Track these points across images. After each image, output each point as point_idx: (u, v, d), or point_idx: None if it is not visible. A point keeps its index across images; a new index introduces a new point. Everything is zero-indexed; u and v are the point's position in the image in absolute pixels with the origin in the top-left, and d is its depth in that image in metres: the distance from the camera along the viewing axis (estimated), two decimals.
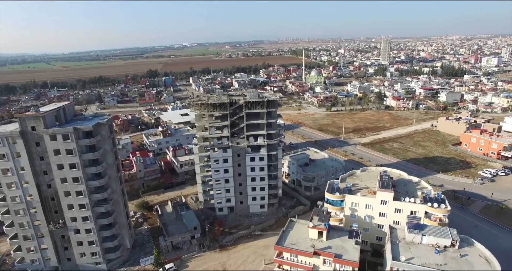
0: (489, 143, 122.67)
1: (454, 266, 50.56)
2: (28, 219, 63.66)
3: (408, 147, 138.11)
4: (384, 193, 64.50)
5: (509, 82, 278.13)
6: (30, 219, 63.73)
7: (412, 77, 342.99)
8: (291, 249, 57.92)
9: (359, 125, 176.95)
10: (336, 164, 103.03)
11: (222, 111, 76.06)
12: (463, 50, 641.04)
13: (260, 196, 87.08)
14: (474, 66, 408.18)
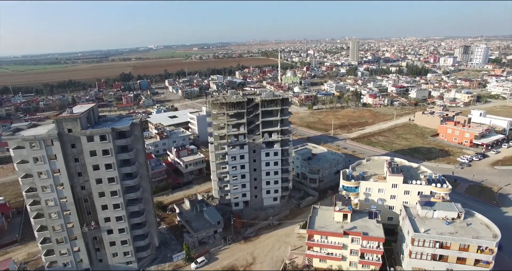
0: (463, 133, 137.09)
1: (464, 233, 59.28)
2: (62, 221, 64.25)
3: (392, 140, 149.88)
4: (395, 177, 72.57)
5: (465, 80, 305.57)
6: (63, 221, 64.35)
7: (382, 76, 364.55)
8: (323, 231, 63.98)
9: (344, 122, 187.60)
10: (337, 157, 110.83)
11: (239, 110, 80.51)
12: (422, 50, 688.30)
13: (273, 189, 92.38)
14: (434, 65, 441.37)
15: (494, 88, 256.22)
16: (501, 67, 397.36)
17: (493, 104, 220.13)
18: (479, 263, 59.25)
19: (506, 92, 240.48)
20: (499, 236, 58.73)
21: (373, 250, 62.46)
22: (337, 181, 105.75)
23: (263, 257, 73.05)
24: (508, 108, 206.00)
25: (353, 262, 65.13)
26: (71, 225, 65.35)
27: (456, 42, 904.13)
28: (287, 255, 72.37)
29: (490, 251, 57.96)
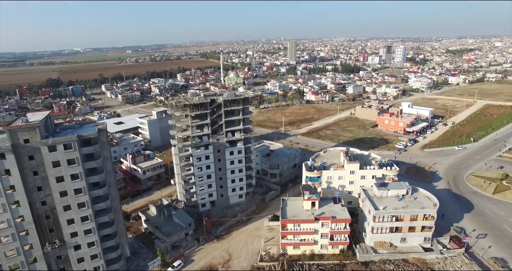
0: (397, 122, 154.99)
1: (413, 206, 68.93)
2: (17, 244, 58.34)
3: (339, 133, 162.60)
4: (352, 164, 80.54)
5: (391, 76, 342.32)
6: (20, 244, 58.61)
7: (320, 74, 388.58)
8: (295, 219, 68.55)
9: (292, 119, 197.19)
10: (293, 152, 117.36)
11: (202, 111, 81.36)
12: (352, 50, 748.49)
13: (239, 186, 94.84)
14: (364, 64, 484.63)
15: (414, 83, 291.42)
16: (416, 65, 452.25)
17: (415, 97, 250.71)
18: (424, 229, 69.44)
19: (424, 86, 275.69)
20: (438, 204, 69.57)
21: (341, 231, 68.95)
22: (296, 174, 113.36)
23: (239, 252, 75.18)
24: (427, 100, 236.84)
25: (324, 245, 70.91)
26: (29, 246, 59.90)
27: (379, 42, 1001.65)
28: (261, 247, 75.51)
29: (432, 218, 68.39)
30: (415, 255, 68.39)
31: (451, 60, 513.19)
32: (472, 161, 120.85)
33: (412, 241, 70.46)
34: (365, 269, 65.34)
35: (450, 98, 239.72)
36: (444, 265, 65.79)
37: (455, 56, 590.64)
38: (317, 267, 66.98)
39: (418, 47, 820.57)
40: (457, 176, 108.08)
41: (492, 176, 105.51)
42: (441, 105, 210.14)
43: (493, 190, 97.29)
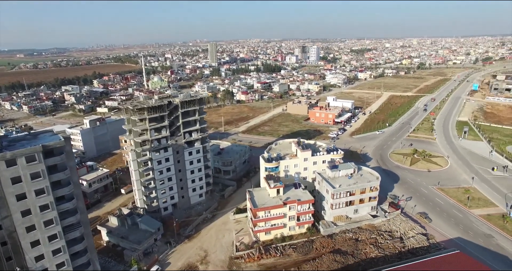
0: (327, 114, 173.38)
1: (361, 181, 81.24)
2: None
3: (276, 128, 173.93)
4: (305, 152, 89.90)
5: (310, 74, 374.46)
6: None
7: (244, 74, 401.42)
8: (266, 207, 74.37)
9: (228, 118, 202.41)
10: (242, 148, 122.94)
11: (160, 113, 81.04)
12: (269, 50, 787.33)
13: (199, 186, 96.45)
14: (283, 63, 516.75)
15: (331, 79, 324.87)
16: (329, 63, 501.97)
17: (334, 92, 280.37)
18: (371, 200, 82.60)
19: (340, 82, 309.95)
20: (380, 178, 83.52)
21: (306, 212, 77.35)
22: (247, 169, 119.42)
23: (213, 247, 77.66)
24: (345, 94, 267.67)
25: (292, 227, 78.34)
26: None
27: (292, 43, 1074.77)
28: (234, 238, 79.35)
29: (376, 189, 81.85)
30: (366, 222, 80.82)
31: (357, 58, 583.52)
32: (390, 142, 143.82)
33: (362, 211, 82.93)
34: (330, 240, 74.80)
35: (362, 91, 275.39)
36: (388, 226, 79.46)
37: (358, 55, 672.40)
38: (290, 247, 74.02)
39: (327, 47, 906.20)
40: (382, 155, 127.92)
41: (406, 152, 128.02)
42: (357, 98, 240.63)
43: (409, 163, 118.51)
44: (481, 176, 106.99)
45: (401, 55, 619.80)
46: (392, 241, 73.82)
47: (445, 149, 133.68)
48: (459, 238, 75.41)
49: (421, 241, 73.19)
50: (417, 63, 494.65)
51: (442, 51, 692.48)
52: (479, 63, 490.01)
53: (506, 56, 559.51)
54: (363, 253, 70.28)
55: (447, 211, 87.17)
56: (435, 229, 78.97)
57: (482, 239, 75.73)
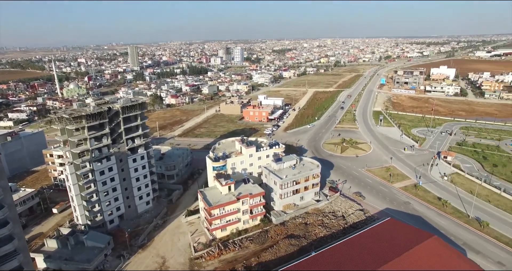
0: (261, 113, 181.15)
1: (304, 170, 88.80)
2: None
3: (212, 129, 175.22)
4: (250, 149, 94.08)
5: (237, 74, 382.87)
6: None
7: (171, 78, 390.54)
8: (221, 204, 76.36)
9: (162, 123, 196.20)
10: (184, 151, 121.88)
11: (100, 120, 76.41)
12: (193, 52, 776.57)
13: (145, 193, 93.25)
14: (208, 65, 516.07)
15: (258, 79, 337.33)
16: (254, 64, 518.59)
17: (263, 90, 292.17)
18: (314, 186, 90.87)
19: (267, 81, 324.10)
20: (320, 165, 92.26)
21: (258, 204, 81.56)
22: (190, 171, 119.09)
23: (171, 252, 76.64)
24: (273, 92, 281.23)
25: (246, 220, 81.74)
26: None
27: (215, 44, 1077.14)
28: (190, 240, 79.47)
29: (318, 176, 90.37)
30: (312, 207, 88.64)
31: (279, 58, 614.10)
32: (321, 133, 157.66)
33: (307, 197, 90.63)
34: (283, 227, 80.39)
35: (289, 89, 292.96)
36: (331, 207, 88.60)
37: (279, 54, 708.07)
38: (247, 239, 77.40)
39: (249, 48, 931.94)
40: (316, 146, 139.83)
41: (336, 141, 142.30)
42: (285, 95, 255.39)
43: (340, 151, 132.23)
44: (397, 156, 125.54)
45: (318, 54, 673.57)
46: (336, 220, 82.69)
47: (367, 136, 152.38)
48: (387, 208, 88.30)
49: (360, 216, 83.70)
50: (334, 61, 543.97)
51: (353, 50, 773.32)
52: (383, 61, 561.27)
53: (400, 55, 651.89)
54: (313, 234, 77.39)
55: (376, 188, 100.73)
56: (369, 204, 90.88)
57: (403, 206, 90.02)
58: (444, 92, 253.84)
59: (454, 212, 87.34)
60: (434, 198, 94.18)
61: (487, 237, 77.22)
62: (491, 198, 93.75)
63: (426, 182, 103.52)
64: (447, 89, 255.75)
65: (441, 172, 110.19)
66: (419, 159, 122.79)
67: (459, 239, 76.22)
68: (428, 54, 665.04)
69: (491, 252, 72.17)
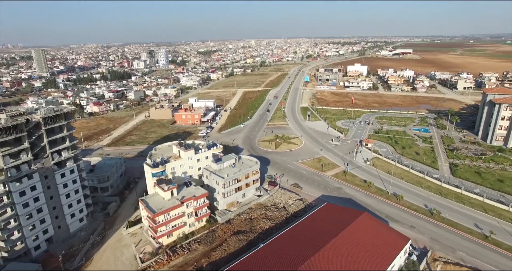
0: (193, 115, 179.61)
1: (243, 168, 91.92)
2: None
3: (144, 136, 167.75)
4: (189, 151, 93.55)
5: (163, 78, 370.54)
6: None
7: (90, 84, 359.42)
8: (165, 209, 74.83)
9: (86, 133, 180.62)
10: (117, 161, 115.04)
11: (17, 134, 67.99)
12: (112, 56, 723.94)
13: (78, 210, 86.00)
14: (132, 69, 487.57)
15: (187, 82, 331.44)
16: (179, 66, 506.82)
17: (192, 93, 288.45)
18: (254, 182, 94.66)
19: (196, 83, 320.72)
20: (258, 162, 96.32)
21: (202, 205, 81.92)
22: (126, 181, 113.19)
23: (115, 268, 72.42)
24: (203, 94, 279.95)
25: (191, 223, 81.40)
26: None
27: (136, 47, 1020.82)
28: (135, 252, 76.11)
29: (257, 172, 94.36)
30: (254, 202, 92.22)
31: (205, 60, 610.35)
32: (254, 132, 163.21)
33: (249, 193, 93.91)
34: (229, 225, 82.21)
35: (218, 90, 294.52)
36: (272, 200, 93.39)
37: (205, 56, 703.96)
38: (195, 242, 77.29)
39: (173, 50, 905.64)
40: (251, 144, 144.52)
41: (270, 138, 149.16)
42: (216, 97, 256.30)
43: (275, 147, 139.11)
44: (326, 147, 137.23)
45: (244, 55, 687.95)
46: (278, 212, 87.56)
47: (297, 131, 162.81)
48: (323, 195, 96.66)
49: (299, 205, 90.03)
50: (259, 61, 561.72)
51: (276, 50, 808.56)
52: (305, 60, 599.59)
53: (320, 54, 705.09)
54: (259, 227, 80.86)
55: (311, 178, 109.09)
56: (306, 193, 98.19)
57: (335, 191, 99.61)
58: (360, 87, 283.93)
59: (377, 191, 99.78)
60: (360, 181, 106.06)
61: (402, 207, 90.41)
62: (403, 175, 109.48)
63: (353, 168, 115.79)
64: (362, 84, 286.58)
65: (364, 158, 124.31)
66: (345, 148, 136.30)
67: (382, 212, 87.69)
68: (343, 53, 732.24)
69: (405, 219, 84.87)
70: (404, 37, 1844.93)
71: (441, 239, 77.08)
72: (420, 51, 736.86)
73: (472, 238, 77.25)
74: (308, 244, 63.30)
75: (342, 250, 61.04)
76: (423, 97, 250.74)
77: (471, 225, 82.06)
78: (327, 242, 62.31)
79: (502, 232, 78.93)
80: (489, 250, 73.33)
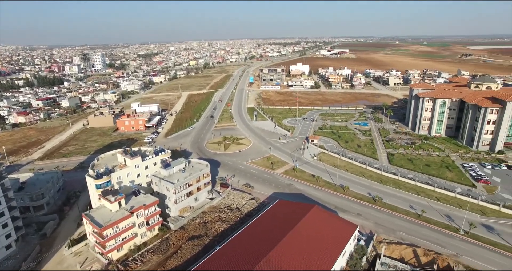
0: (137, 121, 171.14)
1: (194, 172, 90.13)
2: None
3: (83, 146, 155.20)
4: (135, 159, 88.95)
5: (102, 83, 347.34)
6: None
7: (11, 91, 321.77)
8: (114, 222, 70.09)
9: (11, 147, 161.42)
10: (53, 175, 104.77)
11: None
12: (38, 60, 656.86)
13: (4, 235, 76.44)
14: (63, 74, 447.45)
15: (128, 86, 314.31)
16: (119, 70, 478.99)
17: (134, 98, 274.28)
18: (206, 185, 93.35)
19: (137, 87, 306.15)
20: (209, 165, 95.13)
21: (153, 213, 78.42)
22: (66, 196, 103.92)
23: None
24: (146, 99, 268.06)
25: (143, 233, 77.43)
26: None
27: (67, 50, 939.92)
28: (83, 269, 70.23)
29: (208, 175, 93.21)
30: (207, 205, 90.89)
31: (146, 63, 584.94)
32: (202, 135, 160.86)
33: (201, 197, 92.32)
34: (183, 231, 79.84)
35: (162, 94, 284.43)
36: (225, 202, 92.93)
37: (146, 59, 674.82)
38: (148, 252, 73.68)
39: (111, 53, 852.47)
40: (200, 147, 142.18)
41: (219, 140, 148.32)
42: (160, 101, 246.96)
43: (224, 149, 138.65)
44: (274, 145, 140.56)
45: (187, 57, 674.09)
46: (232, 213, 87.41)
47: (245, 131, 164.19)
48: (274, 193, 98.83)
49: (252, 204, 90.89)
50: (203, 63, 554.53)
51: (219, 52, 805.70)
52: (249, 61, 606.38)
53: (263, 55, 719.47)
54: (214, 230, 79.87)
55: (261, 177, 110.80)
56: (258, 192, 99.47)
57: (286, 188, 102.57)
58: (303, 86, 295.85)
59: (325, 184, 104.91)
60: (309, 176, 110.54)
61: (349, 197, 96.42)
62: (347, 167, 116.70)
63: (302, 164, 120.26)
64: (305, 83, 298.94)
65: (311, 153, 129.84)
66: (293, 145, 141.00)
67: (331, 204, 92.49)
68: (285, 53, 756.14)
69: (352, 208, 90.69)
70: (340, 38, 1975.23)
71: (383, 222, 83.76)
72: (356, 51, 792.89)
73: (409, 218, 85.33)
74: (264, 242, 64.20)
75: (297, 243, 63.06)
76: (361, 93, 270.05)
77: (407, 207, 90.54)
78: (283, 237, 63.86)
79: (431, 209, 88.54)
80: (422, 227, 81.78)
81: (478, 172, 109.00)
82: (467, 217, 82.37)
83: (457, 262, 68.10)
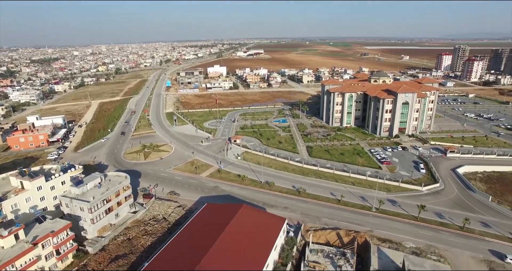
0: (37, 137, 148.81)
1: (112, 186, 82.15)
2: None
3: None
4: (36, 180, 76.89)
5: None
6: None
7: None
8: (5, 262, 58.68)
9: None
10: None
11: None
12: None
13: None
14: None
15: (21, 97, 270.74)
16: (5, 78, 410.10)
17: (31, 110, 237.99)
18: (127, 199, 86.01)
19: (35, 98, 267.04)
20: (128, 177, 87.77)
21: (66, 239, 68.72)
22: None
23: None
24: (48, 110, 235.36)
25: (53, 265, 67.27)
26: None
27: None
28: None
29: (128, 187, 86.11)
30: (130, 220, 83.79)
31: (44, 69, 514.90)
32: (119, 145, 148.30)
33: (123, 212, 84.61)
34: (104, 253, 71.90)
35: (68, 104, 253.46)
36: (150, 213, 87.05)
37: (44, 65, 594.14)
38: None
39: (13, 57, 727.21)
40: (117, 159, 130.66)
41: (138, 149, 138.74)
42: (65, 111, 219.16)
43: (144, 157, 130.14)
44: (197, 149, 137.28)
45: (95, 62, 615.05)
46: (158, 224, 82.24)
47: (166, 137, 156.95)
48: (201, 197, 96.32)
49: (180, 212, 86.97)
50: (114, 68, 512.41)
51: (132, 56, 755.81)
52: (164, 64, 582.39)
53: (179, 58, 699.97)
54: (140, 246, 73.93)
55: (187, 182, 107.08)
56: (185, 199, 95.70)
57: (213, 191, 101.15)
58: (222, 87, 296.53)
59: (251, 182, 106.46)
60: (235, 176, 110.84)
61: (275, 193, 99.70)
62: (271, 164, 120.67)
63: (226, 165, 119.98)
64: (223, 85, 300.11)
65: (235, 154, 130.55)
66: (216, 148, 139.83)
67: (259, 201, 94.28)
68: (202, 56, 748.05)
69: (279, 202, 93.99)
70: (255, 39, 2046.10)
71: (309, 212, 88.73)
72: (270, 51, 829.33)
73: (330, 205, 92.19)
74: (196, 249, 61.79)
75: (230, 245, 62.30)
76: (278, 91, 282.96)
77: (328, 194, 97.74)
78: (214, 241, 62.35)
79: (348, 194, 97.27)
80: (342, 210, 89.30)
81: (382, 155, 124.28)
82: (377, 196, 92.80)
83: (372, 236, 76.08)
